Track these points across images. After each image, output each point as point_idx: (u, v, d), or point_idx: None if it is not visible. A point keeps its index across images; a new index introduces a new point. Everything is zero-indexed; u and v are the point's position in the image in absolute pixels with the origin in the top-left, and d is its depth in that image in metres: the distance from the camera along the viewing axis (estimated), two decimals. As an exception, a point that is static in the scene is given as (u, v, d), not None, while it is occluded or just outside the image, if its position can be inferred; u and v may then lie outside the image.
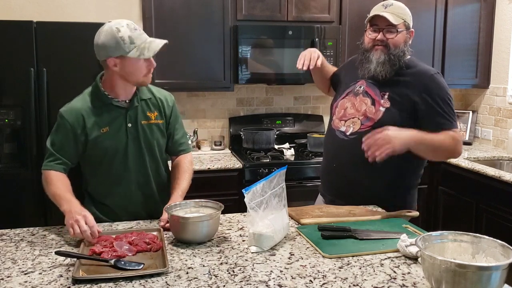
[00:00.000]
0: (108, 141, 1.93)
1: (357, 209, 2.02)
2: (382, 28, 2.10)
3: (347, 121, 2.16)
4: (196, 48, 3.44)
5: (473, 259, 1.36)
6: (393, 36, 2.09)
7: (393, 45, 2.10)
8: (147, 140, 1.99)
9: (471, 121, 4.14)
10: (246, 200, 1.57)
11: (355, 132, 2.11)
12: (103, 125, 1.92)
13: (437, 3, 3.81)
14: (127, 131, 1.95)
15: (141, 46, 1.83)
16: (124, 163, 1.97)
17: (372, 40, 2.13)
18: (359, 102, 2.15)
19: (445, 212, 3.59)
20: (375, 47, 2.12)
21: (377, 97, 2.12)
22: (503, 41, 3.90)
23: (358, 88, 2.19)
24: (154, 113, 2.01)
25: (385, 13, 2.07)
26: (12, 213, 2.85)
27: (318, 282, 1.38)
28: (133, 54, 1.82)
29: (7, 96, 2.82)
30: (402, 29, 2.11)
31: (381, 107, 2.10)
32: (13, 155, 2.88)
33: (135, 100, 1.96)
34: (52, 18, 3.33)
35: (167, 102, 2.06)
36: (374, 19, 2.11)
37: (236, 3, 3.47)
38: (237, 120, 3.89)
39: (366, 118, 2.11)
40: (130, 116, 1.95)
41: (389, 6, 2.10)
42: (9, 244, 1.70)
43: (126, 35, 1.81)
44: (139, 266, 1.46)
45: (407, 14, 2.13)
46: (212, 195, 2.25)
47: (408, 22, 2.13)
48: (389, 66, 2.10)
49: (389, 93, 2.10)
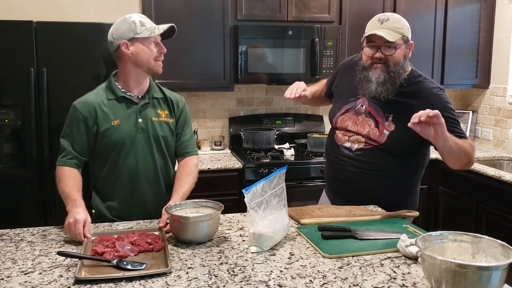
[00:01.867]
0: (118, 133, 1.97)
1: (357, 209, 2.02)
2: (379, 45, 2.03)
3: (351, 137, 2.14)
4: (196, 48, 3.44)
5: (473, 259, 1.36)
6: (392, 52, 2.02)
7: (393, 63, 2.03)
8: (156, 136, 2.02)
9: (471, 121, 4.14)
10: (246, 200, 1.57)
11: (360, 149, 2.11)
12: (114, 118, 1.97)
13: (437, 3, 3.82)
14: (137, 126, 1.99)
15: (151, 27, 1.96)
16: (133, 157, 1.99)
17: (370, 57, 2.06)
18: (362, 122, 2.12)
19: (445, 212, 3.59)
20: (374, 65, 2.06)
21: (381, 119, 2.08)
22: (503, 41, 3.90)
23: (360, 107, 2.14)
24: (164, 111, 2.07)
25: (382, 31, 1.99)
26: (12, 213, 2.84)
27: (318, 282, 1.38)
28: (144, 34, 1.94)
29: (7, 96, 2.81)
30: (401, 44, 2.03)
31: (385, 130, 2.06)
32: (13, 155, 2.88)
33: (147, 97, 2.03)
34: (52, 18, 3.33)
35: (178, 103, 2.12)
36: (370, 36, 2.03)
37: (236, 3, 3.47)
38: (237, 120, 3.89)
39: (369, 139, 2.10)
40: (141, 112, 2.00)
41: (385, 21, 2.02)
42: (9, 244, 1.70)
43: (137, 19, 1.96)
44: (141, 266, 1.46)
45: (405, 27, 2.05)
46: (212, 195, 2.25)
47: (406, 35, 2.04)
48: (390, 85, 2.04)
49: (393, 115, 2.06)
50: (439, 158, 3.52)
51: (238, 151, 3.68)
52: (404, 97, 2.07)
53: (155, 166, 2.04)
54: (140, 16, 1.99)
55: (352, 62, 2.28)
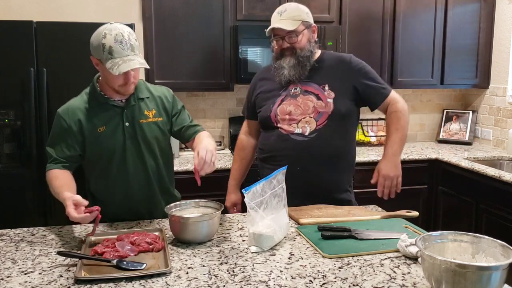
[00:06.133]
0: (105, 140, 1.92)
1: (356, 209, 2.02)
2: (283, 36, 2.14)
3: (299, 123, 2.15)
4: (196, 48, 3.44)
5: (473, 259, 1.36)
6: (296, 40, 2.14)
7: (299, 49, 2.15)
8: (145, 139, 1.97)
9: (471, 121, 4.14)
10: (246, 200, 1.57)
11: (314, 131, 2.13)
12: (99, 125, 1.92)
13: (437, 3, 3.81)
14: (124, 130, 1.94)
15: (116, 61, 1.79)
16: (123, 163, 1.96)
17: (279, 49, 2.18)
18: (303, 102, 2.16)
19: (445, 212, 3.59)
20: (285, 54, 2.17)
21: (318, 91, 2.16)
22: (503, 41, 3.90)
23: (294, 90, 2.18)
24: (152, 111, 2.00)
25: (281, 23, 2.11)
26: (12, 213, 2.85)
27: (318, 282, 1.38)
28: (107, 65, 1.80)
29: (7, 96, 2.82)
30: (302, 29, 2.14)
31: (328, 98, 2.14)
32: (13, 155, 2.88)
33: (132, 99, 1.96)
34: (52, 18, 3.33)
35: (167, 98, 2.05)
36: (273, 30, 2.15)
37: (236, 3, 3.47)
38: (237, 120, 3.88)
39: (318, 114, 2.13)
40: (127, 115, 1.95)
41: (283, 13, 2.14)
42: (9, 244, 1.70)
43: (108, 45, 1.79)
44: (141, 266, 1.46)
45: (303, 13, 2.16)
46: (212, 195, 2.25)
47: (306, 20, 2.16)
48: (301, 68, 2.15)
49: (327, 84, 2.16)
50: (439, 158, 3.55)
51: (238, 151, 3.67)
52: (326, 69, 2.20)
53: (146, 170, 2.00)
54: (114, 40, 1.79)
55: (262, 72, 2.37)
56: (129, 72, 1.83)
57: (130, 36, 1.83)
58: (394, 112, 2.21)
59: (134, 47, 1.83)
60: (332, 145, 2.14)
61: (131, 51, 1.82)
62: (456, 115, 4.25)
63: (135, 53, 1.83)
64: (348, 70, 2.19)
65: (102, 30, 1.82)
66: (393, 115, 2.21)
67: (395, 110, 2.21)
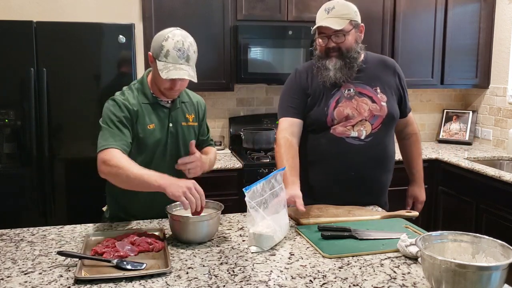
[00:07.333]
0: (151, 138, 1.96)
1: (356, 209, 2.02)
2: (329, 35, 2.05)
3: (355, 126, 2.08)
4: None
5: (473, 259, 1.36)
6: (342, 40, 2.05)
7: (346, 49, 2.06)
8: (185, 141, 2.03)
9: (471, 121, 4.14)
10: (246, 198, 1.57)
11: (369, 134, 2.09)
12: (150, 122, 1.97)
13: (437, 3, 3.81)
14: (168, 131, 2.00)
15: (168, 66, 1.84)
16: (162, 161, 1.99)
17: (324, 48, 2.09)
18: (359, 104, 2.10)
19: (445, 212, 3.59)
20: (330, 55, 2.08)
21: (372, 94, 2.12)
22: (503, 41, 3.90)
23: (348, 92, 2.10)
24: (191, 115, 2.09)
25: (328, 21, 2.01)
26: (12, 213, 2.85)
27: (318, 282, 1.38)
28: (159, 66, 1.85)
29: (7, 96, 2.82)
30: (350, 29, 2.05)
31: (382, 102, 2.12)
32: (13, 155, 2.88)
33: (177, 101, 2.03)
34: (52, 18, 3.33)
35: (201, 106, 2.17)
36: (319, 28, 2.05)
37: (236, 3, 3.47)
38: (237, 120, 3.88)
39: (373, 117, 2.10)
40: (172, 117, 2.01)
41: (331, 10, 2.03)
42: (9, 244, 1.70)
43: (167, 48, 1.83)
44: (141, 266, 1.46)
45: (352, 12, 2.06)
46: (212, 195, 2.24)
47: (354, 19, 2.06)
48: (348, 70, 2.08)
49: (378, 86, 2.13)
50: (439, 158, 3.55)
51: (238, 151, 3.68)
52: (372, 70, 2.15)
53: (179, 171, 1.98)
54: (173, 46, 1.83)
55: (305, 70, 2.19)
56: (176, 80, 1.88)
57: (190, 47, 1.87)
58: (414, 134, 2.31)
59: (190, 58, 1.87)
60: (385, 149, 2.14)
61: (186, 61, 1.86)
62: (456, 115, 4.25)
63: (189, 64, 1.88)
64: (394, 74, 2.18)
65: (167, 33, 1.87)
66: (414, 138, 2.31)
67: (415, 132, 2.31)
